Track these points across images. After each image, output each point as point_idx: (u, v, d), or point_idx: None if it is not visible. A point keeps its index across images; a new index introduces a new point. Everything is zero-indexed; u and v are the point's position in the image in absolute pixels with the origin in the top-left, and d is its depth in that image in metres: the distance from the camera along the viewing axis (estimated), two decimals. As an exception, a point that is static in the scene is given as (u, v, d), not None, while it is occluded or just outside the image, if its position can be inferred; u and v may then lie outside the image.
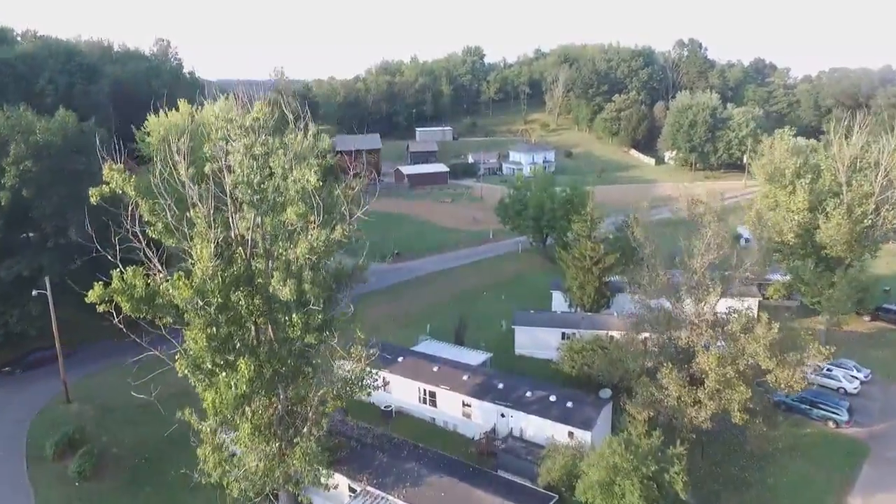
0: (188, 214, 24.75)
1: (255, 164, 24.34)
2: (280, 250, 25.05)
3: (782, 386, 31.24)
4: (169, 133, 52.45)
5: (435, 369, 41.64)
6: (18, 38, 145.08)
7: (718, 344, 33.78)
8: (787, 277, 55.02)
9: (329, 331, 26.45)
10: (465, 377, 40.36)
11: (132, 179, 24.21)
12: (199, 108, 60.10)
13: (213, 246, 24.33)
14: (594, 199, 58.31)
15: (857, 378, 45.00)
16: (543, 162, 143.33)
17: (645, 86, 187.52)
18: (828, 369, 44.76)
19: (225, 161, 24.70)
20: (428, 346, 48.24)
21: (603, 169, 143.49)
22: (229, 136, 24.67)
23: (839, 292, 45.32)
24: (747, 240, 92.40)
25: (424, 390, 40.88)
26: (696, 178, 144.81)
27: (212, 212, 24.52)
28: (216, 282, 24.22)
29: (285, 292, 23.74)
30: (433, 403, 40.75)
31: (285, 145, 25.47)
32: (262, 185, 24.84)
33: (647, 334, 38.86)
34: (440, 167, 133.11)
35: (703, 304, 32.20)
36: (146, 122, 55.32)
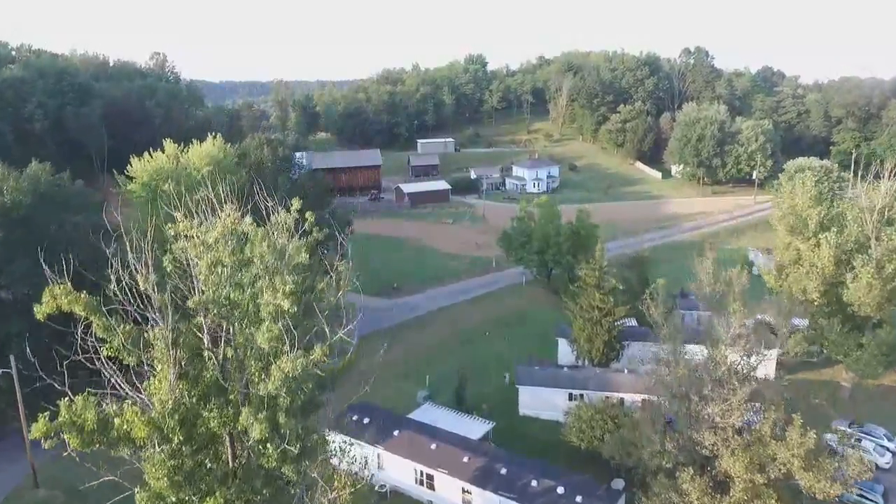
0: (147, 333, 21.74)
1: (221, 280, 21.31)
2: (252, 373, 22.03)
3: (817, 496, 28.08)
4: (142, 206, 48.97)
5: (433, 447, 38.61)
6: (13, 53, 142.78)
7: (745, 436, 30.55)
8: (808, 326, 51.82)
9: (309, 460, 23.41)
10: (465, 458, 37.30)
11: (82, 298, 21.18)
12: (187, 147, 57.25)
13: (175, 371, 21.33)
14: (603, 247, 54.59)
15: (888, 450, 41.74)
16: (547, 177, 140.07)
17: (650, 95, 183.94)
18: (857, 439, 41.50)
19: (188, 278, 21.68)
20: (426, 413, 45.19)
21: (609, 185, 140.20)
22: (190, 256, 21.63)
23: (868, 355, 42.10)
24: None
25: (422, 472, 37.86)
26: (704, 193, 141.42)
27: (174, 333, 21.50)
28: (180, 412, 21.21)
29: (257, 430, 20.72)
30: (431, 487, 37.72)
31: (257, 252, 22.38)
32: (229, 299, 21.81)
33: (662, 400, 35.84)
34: (441, 184, 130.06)
35: (728, 404, 28.91)
36: (129, 165, 52.34)
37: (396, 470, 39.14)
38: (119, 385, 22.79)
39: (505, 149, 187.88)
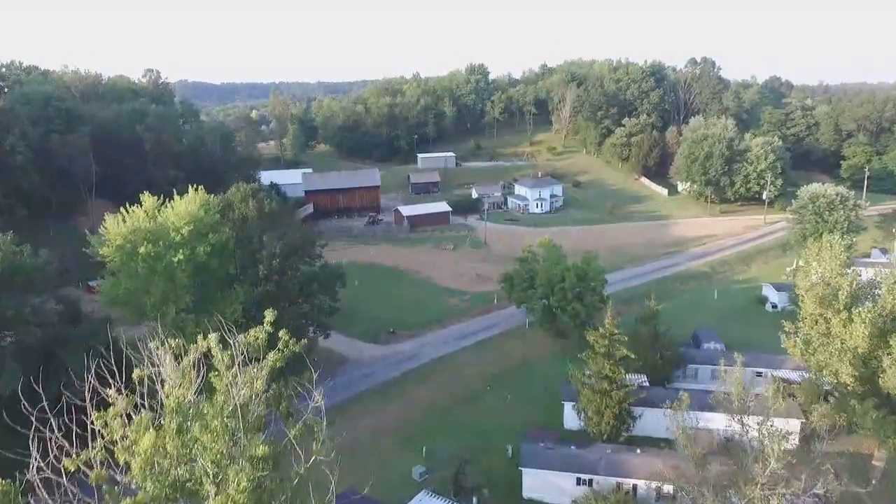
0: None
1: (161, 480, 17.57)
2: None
3: None
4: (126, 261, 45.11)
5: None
6: (3, 70, 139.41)
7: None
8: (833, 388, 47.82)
9: None
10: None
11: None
12: (167, 202, 53.55)
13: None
14: (613, 311, 50.69)
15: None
16: (550, 196, 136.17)
17: (656, 108, 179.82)
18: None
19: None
20: (422, 506, 41.41)
21: (614, 205, 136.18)
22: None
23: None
24: (774, 305, 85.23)
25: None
26: (712, 213, 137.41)
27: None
28: None
29: None
30: None
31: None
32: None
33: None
34: (441, 206, 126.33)
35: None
36: (103, 225, 48.69)
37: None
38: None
39: (507, 162, 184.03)
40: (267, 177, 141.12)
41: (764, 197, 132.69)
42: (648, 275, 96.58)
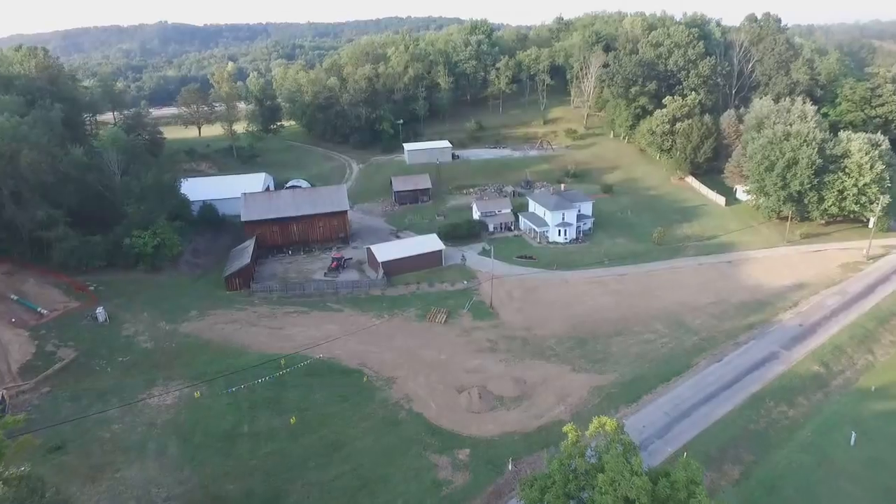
0: None
1: None
2: None
3: None
4: None
5: None
6: None
7: None
8: None
9: None
10: None
11: None
12: None
13: None
14: None
15: None
16: (578, 219, 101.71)
17: (706, 82, 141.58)
18: None
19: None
20: None
21: (663, 233, 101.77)
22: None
23: None
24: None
25: None
26: (790, 238, 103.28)
27: None
28: None
29: None
30: None
31: None
32: None
33: None
34: (430, 242, 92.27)
35: None
36: None
37: None
38: None
39: (516, 151, 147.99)
40: (200, 190, 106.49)
41: (870, 224, 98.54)
42: (732, 387, 64.08)
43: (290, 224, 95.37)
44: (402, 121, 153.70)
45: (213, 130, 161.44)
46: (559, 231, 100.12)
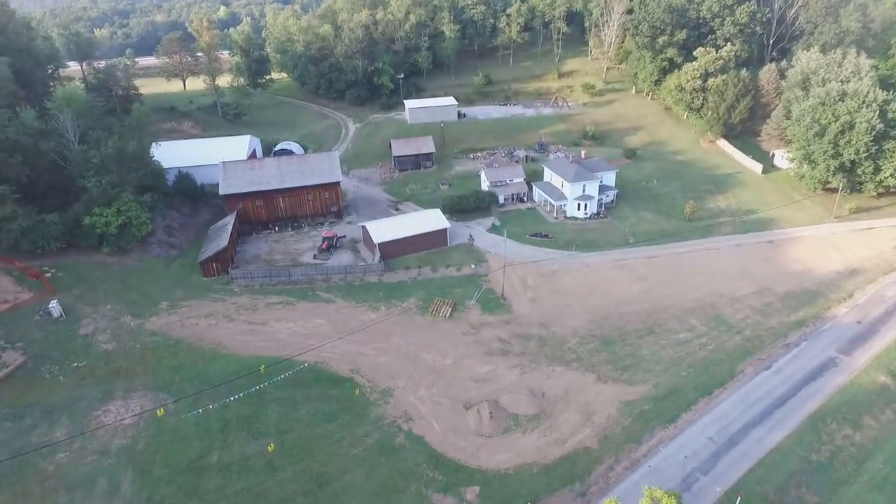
0: None
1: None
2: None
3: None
4: None
5: None
6: None
7: None
8: None
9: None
10: None
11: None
12: None
13: None
14: None
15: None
16: (600, 192, 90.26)
17: (742, 31, 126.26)
18: None
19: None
20: None
21: (694, 207, 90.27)
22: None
23: None
24: None
25: None
26: (838, 213, 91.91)
27: None
28: None
29: None
30: None
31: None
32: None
33: None
34: (433, 219, 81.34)
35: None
36: None
37: None
38: None
39: (528, 109, 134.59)
40: (177, 156, 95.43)
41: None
42: (785, 404, 54.62)
43: (275, 197, 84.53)
44: (402, 75, 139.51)
45: (199, 84, 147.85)
46: (579, 205, 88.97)
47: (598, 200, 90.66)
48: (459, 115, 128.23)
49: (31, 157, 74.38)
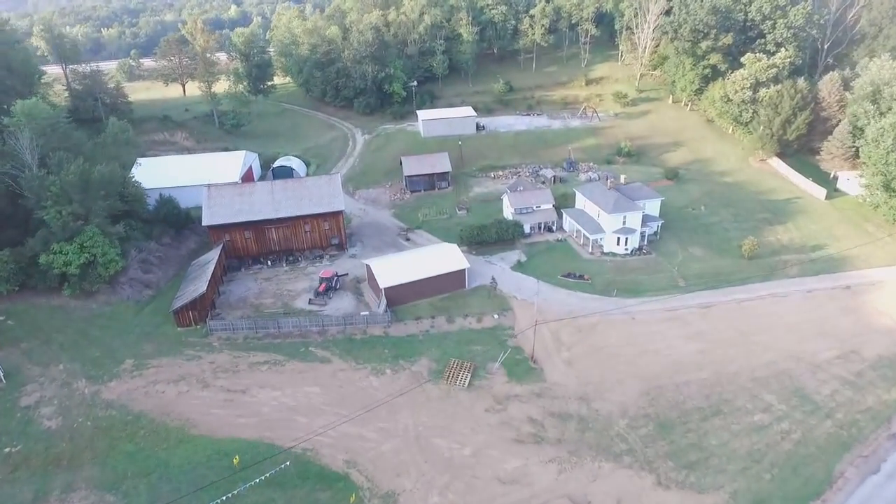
0: None
1: None
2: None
3: None
4: None
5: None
6: None
7: None
8: None
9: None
10: None
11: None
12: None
13: None
14: None
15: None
16: (643, 223, 77.60)
17: (797, 35, 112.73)
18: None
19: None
20: None
21: (754, 243, 77.15)
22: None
23: None
24: None
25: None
26: (921, 250, 78.24)
27: None
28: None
29: None
30: None
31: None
32: None
33: None
34: (452, 260, 69.04)
35: None
36: None
37: None
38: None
39: (554, 120, 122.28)
40: (160, 175, 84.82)
41: None
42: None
43: (267, 228, 73.20)
44: (415, 82, 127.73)
45: (198, 90, 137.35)
46: (618, 239, 76.55)
47: (641, 235, 78.15)
48: (478, 127, 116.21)
49: (-21, 184, 63.83)
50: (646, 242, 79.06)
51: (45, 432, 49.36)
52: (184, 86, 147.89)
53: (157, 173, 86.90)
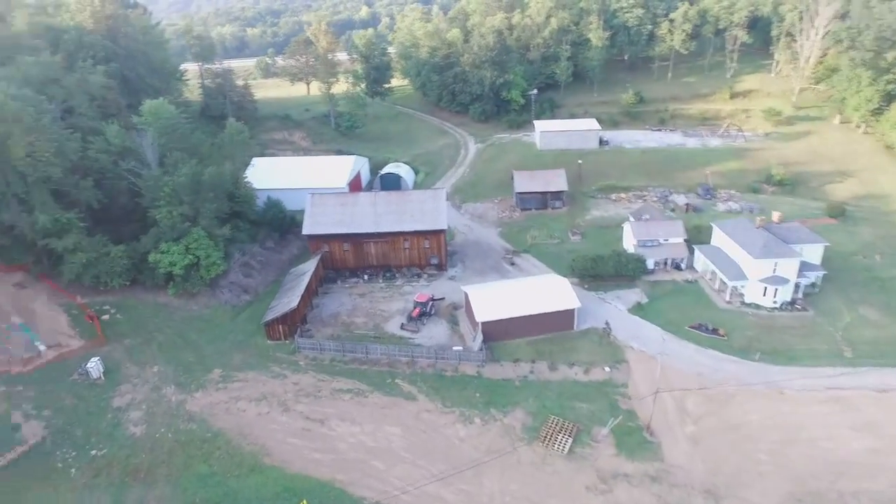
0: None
1: None
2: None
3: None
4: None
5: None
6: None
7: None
8: None
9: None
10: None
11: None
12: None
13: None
14: None
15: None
16: (801, 275, 63.96)
17: None
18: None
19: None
20: None
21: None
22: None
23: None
24: None
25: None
26: None
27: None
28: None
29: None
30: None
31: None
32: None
33: None
34: (560, 297, 60.43)
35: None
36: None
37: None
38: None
39: (690, 137, 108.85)
40: (269, 177, 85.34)
41: None
42: None
43: (366, 242, 69.87)
44: (535, 90, 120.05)
45: (319, 90, 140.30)
46: (766, 289, 63.84)
47: (796, 286, 64.67)
48: (601, 141, 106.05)
49: (106, 180, 66.47)
50: (801, 296, 65.30)
51: (129, 438, 49.00)
52: (308, 85, 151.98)
53: (267, 174, 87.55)
